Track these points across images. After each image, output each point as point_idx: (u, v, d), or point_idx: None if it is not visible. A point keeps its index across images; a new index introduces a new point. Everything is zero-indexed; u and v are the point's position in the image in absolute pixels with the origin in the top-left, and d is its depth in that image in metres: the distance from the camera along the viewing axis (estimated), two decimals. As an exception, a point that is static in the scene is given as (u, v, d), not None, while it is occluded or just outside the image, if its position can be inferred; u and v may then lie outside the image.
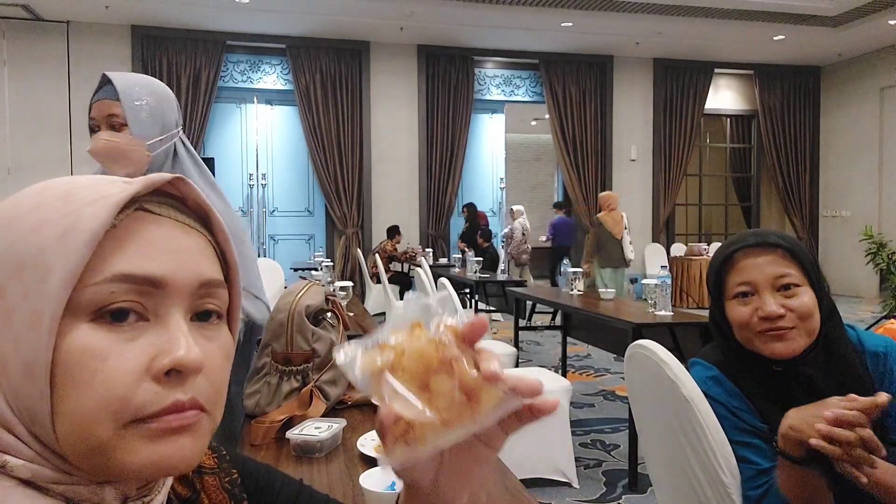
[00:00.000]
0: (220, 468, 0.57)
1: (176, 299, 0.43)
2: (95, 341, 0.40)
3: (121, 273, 0.41)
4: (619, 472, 3.12)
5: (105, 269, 0.40)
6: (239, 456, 0.61)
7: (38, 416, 0.40)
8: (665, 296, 3.19)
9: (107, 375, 0.39)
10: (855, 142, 10.02)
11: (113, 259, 0.41)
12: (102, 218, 0.40)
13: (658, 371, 1.30)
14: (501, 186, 9.89)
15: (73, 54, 7.83)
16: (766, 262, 1.15)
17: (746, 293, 1.16)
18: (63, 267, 0.39)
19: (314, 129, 8.57)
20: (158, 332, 0.42)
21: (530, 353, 6.02)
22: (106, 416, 0.39)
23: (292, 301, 1.43)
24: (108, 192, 0.42)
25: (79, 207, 0.41)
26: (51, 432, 0.40)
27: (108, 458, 0.40)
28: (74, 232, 0.40)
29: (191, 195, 0.46)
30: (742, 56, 9.78)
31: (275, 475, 0.63)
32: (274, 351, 1.41)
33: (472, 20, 8.03)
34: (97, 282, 0.40)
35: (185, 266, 0.43)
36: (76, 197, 0.41)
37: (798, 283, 1.14)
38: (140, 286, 0.41)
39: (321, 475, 1.13)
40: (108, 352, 0.40)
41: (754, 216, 10.96)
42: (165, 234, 0.43)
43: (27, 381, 0.39)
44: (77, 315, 0.40)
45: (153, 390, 0.40)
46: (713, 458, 1.18)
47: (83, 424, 0.39)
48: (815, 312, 1.13)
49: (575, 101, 9.42)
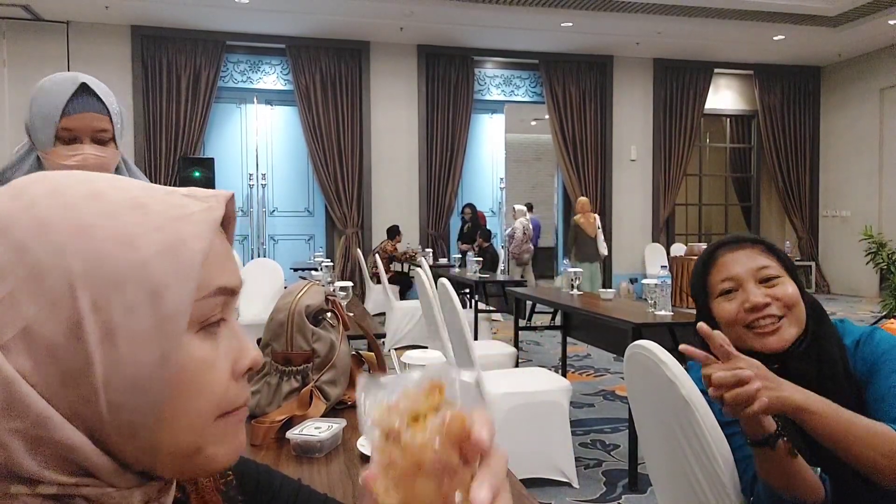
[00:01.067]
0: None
1: (235, 303, 0.47)
2: (205, 352, 0.43)
3: (223, 287, 0.44)
4: (619, 472, 3.12)
5: (209, 284, 0.42)
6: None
7: (141, 429, 0.40)
8: (665, 296, 3.19)
9: (213, 380, 0.43)
10: (855, 142, 10.02)
11: (212, 274, 0.43)
12: (207, 238, 0.42)
13: (657, 371, 1.30)
14: (501, 186, 9.89)
15: (73, 54, 7.83)
16: (745, 255, 1.18)
17: (731, 289, 1.18)
18: (179, 286, 0.40)
19: (314, 130, 8.58)
20: (230, 336, 0.45)
21: (530, 353, 6.02)
22: (210, 418, 0.43)
23: (292, 301, 1.43)
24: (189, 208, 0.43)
25: (169, 223, 0.41)
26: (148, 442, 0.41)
27: (202, 455, 0.43)
28: (184, 250, 0.41)
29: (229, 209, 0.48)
30: (742, 56, 9.78)
31: (273, 475, 0.63)
32: (274, 351, 1.41)
33: (472, 20, 8.03)
34: (204, 296, 0.42)
35: (239, 272, 0.47)
36: (153, 210, 0.41)
37: (778, 274, 1.17)
38: (230, 297, 0.45)
39: (321, 475, 1.13)
40: (214, 359, 0.43)
41: (754, 216, 10.96)
42: (226, 246, 0.47)
43: (137, 395, 0.39)
44: (189, 328, 0.41)
45: (237, 389, 0.45)
46: (713, 458, 1.19)
47: (190, 428, 0.42)
48: (799, 301, 1.15)
49: (575, 101, 9.42)
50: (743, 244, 1.20)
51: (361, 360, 1.60)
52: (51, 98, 1.36)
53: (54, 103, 1.35)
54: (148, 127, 8.09)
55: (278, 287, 3.85)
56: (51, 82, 1.39)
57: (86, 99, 1.37)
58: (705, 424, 1.19)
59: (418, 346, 5.36)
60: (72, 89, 1.36)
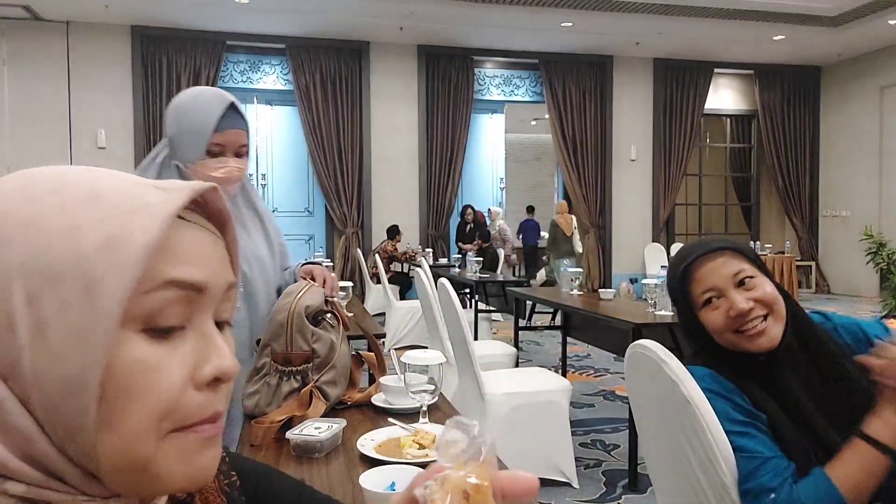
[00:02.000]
0: (219, 470, 0.56)
1: (210, 304, 0.43)
2: (148, 353, 0.39)
3: (172, 280, 0.40)
4: (619, 472, 3.12)
5: (156, 276, 0.39)
6: (239, 457, 0.60)
7: (78, 430, 0.38)
8: (665, 295, 3.18)
9: (158, 386, 0.39)
10: (855, 142, 10.01)
11: (161, 266, 0.39)
12: (155, 231, 0.39)
13: (658, 371, 1.30)
14: (501, 186, 9.89)
15: (73, 54, 7.83)
16: (719, 264, 1.23)
17: (711, 298, 1.23)
18: (116, 281, 0.37)
19: (314, 129, 8.58)
20: (196, 340, 0.42)
21: (530, 353, 6.02)
22: (152, 427, 0.39)
23: (292, 301, 1.43)
24: (147, 198, 0.40)
25: (119, 214, 0.39)
26: (90, 446, 0.38)
27: (147, 472, 0.39)
28: (125, 243, 0.38)
29: (214, 202, 0.46)
30: (742, 56, 9.78)
31: (275, 476, 0.62)
32: (273, 351, 1.41)
33: (472, 20, 8.03)
34: (148, 290, 0.39)
35: (217, 271, 0.44)
36: (109, 201, 0.40)
37: (753, 275, 1.22)
38: (186, 292, 0.41)
39: (321, 475, 1.13)
40: (159, 362, 0.39)
41: (754, 216, 10.97)
42: (200, 240, 0.43)
43: (69, 394, 0.37)
44: (127, 325, 0.38)
45: (197, 400, 0.40)
46: (713, 458, 1.18)
47: (129, 437, 0.38)
48: (778, 297, 1.21)
49: (575, 101, 9.42)
50: (712, 253, 1.23)
51: (361, 361, 1.60)
52: (202, 115, 1.47)
53: (206, 120, 1.46)
54: (148, 127, 8.09)
55: (278, 287, 3.85)
56: (200, 99, 1.50)
57: (234, 117, 1.50)
58: (706, 424, 1.19)
59: (418, 346, 5.36)
60: (222, 108, 1.47)
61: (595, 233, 9.58)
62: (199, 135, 1.46)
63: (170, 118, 1.51)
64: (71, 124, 7.83)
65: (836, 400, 1.16)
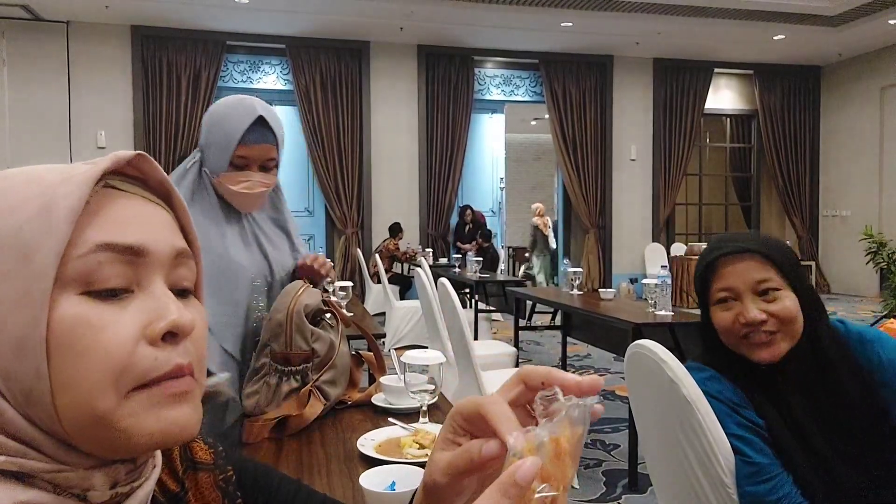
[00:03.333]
0: (215, 465, 0.56)
1: (156, 268, 0.44)
2: (88, 310, 0.40)
3: (103, 243, 0.42)
4: (619, 472, 3.12)
5: (86, 241, 0.41)
6: (236, 454, 0.60)
7: (34, 395, 0.39)
8: (665, 295, 3.19)
9: (105, 343, 0.40)
10: (855, 142, 10.01)
11: (91, 232, 0.42)
12: (78, 193, 0.41)
13: (658, 371, 1.30)
14: (501, 186, 9.89)
15: (73, 54, 7.83)
16: (745, 268, 1.18)
17: (727, 299, 1.19)
18: (47, 243, 0.40)
19: (314, 129, 8.57)
20: (146, 300, 0.43)
21: (530, 353, 6.02)
22: (108, 384, 0.40)
23: (291, 301, 1.43)
24: (74, 171, 0.43)
25: (50, 187, 0.42)
26: (51, 410, 0.40)
27: (114, 428, 0.40)
28: (53, 209, 0.40)
29: (152, 174, 0.48)
30: (742, 56, 9.78)
31: (273, 474, 0.62)
32: (273, 351, 1.41)
33: (472, 20, 8.02)
34: (81, 254, 0.41)
35: (160, 236, 0.45)
36: (44, 179, 0.42)
37: (778, 286, 1.16)
38: (122, 255, 0.42)
39: (321, 475, 1.13)
40: (103, 320, 0.41)
41: (754, 216, 10.96)
42: (136, 207, 0.45)
43: (19, 360, 0.39)
44: (65, 288, 0.40)
45: (152, 355, 0.42)
46: (713, 458, 1.18)
47: (85, 394, 0.40)
48: (798, 316, 1.16)
49: (575, 100, 9.42)
50: (742, 254, 1.18)
51: (361, 360, 1.59)
52: (229, 127, 1.44)
53: (232, 133, 1.44)
54: (148, 127, 8.08)
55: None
56: (231, 109, 1.47)
57: (262, 132, 1.46)
58: (706, 424, 1.19)
59: (418, 346, 5.36)
60: (249, 121, 1.43)
61: (595, 233, 9.57)
62: (224, 146, 1.44)
63: (204, 126, 1.51)
64: (71, 124, 7.83)
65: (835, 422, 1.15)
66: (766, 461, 1.14)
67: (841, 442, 1.13)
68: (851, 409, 1.13)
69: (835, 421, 1.14)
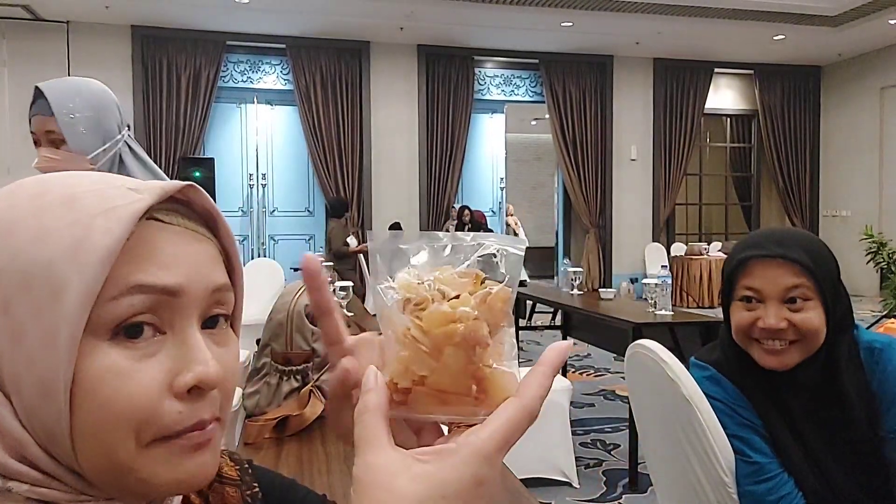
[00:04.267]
0: (241, 480, 0.56)
1: (191, 309, 0.42)
2: (117, 360, 0.38)
3: (138, 284, 0.39)
4: (620, 472, 3.12)
5: (121, 282, 0.38)
6: (262, 469, 0.60)
7: (56, 435, 0.38)
8: (665, 295, 3.19)
9: (130, 394, 0.38)
10: (855, 142, 10.01)
11: (128, 271, 0.39)
12: (117, 233, 0.38)
13: (658, 371, 1.30)
14: (501, 186, 9.88)
15: (73, 54, 7.82)
16: (779, 273, 1.11)
17: (752, 298, 1.14)
18: (79, 284, 0.37)
19: (314, 129, 8.57)
20: (176, 346, 0.41)
21: (530, 352, 6.01)
22: (128, 435, 0.38)
23: (291, 301, 1.43)
24: (116, 201, 0.40)
25: (87, 217, 0.39)
26: (70, 451, 0.38)
27: (131, 476, 0.39)
28: (88, 246, 0.37)
29: (198, 201, 0.45)
30: (742, 56, 9.78)
31: (297, 489, 0.61)
32: (273, 351, 1.41)
33: (472, 20, 8.02)
34: (115, 296, 0.38)
35: (199, 274, 0.42)
36: (81, 204, 0.39)
37: (808, 297, 1.11)
38: (158, 297, 0.39)
39: (321, 475, 1.13)
40: (130, 370, 0.38)
41: (754, 216, 10.96)
42: (177, 243, 0.42)
43: (44, 400, 0.38)
44: (95, 332, 0.38)
45: (176, 409, 0.40)
46: (713, 458, 1.18)
47: (105, 444, 0.38)
48: (820, 331, 1.11)
49: (575, 100, 9.41)
50: (781, 260, 1.11)
51: (361, 360, 1.59)
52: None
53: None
54: (148, 127, 8.08)
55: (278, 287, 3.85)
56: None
57: (39, 104, 1.38)
58: (706, 424, 1.19)
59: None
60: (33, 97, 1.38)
61: (595, 233, 9.57)
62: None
63: None
64: (71, 124, 7.82)
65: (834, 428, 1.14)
66: (765, 461, 1.14)
67: (838, 447, 1.13)
68: (851, 419, 1.12)
69: (834, 427, 1.14)
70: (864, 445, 1.12)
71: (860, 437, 1.12)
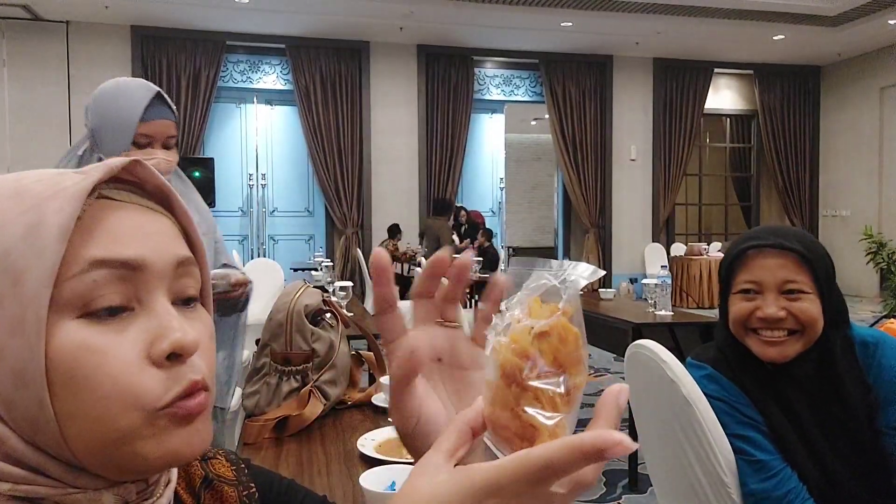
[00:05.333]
0: (238, 480, 0.56)
1: (157, 282, 0.42)
2: (88, 337, 0.38)
3: (97, 259, 0.39)
4: (619, 472, 3.11)
5: (80, 259, 0.39)
6: (259, 469, 0.60)
7: (40, 423, 0.38)
8: (665, 296, 3.19)
9: (110, 369, 0.38)
10: (855, 142, 10.01)
11: (85, 249, 0.39)
12: (69, 210, 0.38)
13: (658, 371, 1.30)
14: (501, 186, 9.89)
15: (73, 54, 7.82)
16: (777, 265, 1.14)
17: (750, 290, 1.16)
18: (38, 266, 0.37)
19: (314, 129, 8.57)
20: (147, 318, 0.41)
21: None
22: (117, 410, 0.38)
23: (291, 301, 1.43)
24: (65, 183, 0.40)
25: (38, 203, 0.39)
26: (58, 437, 0.38)
27: (125, 451, 0.39)
28: (42, 228, 0.38)
29: (149, 179, 0.45)
30: (742, 56, 9.78)
31: (296, 490, 0.61)
32: (273, 351, 1.41)
33: (472, 20, 8.02)
34: (75, 273, 0.38)
35: (159, 247, 0.43)
36: (30, 193, 0.40)
37: (806, 290, 1.13)
38: (119, 271, 0.40)
39: (321, 475, 1.13)
40: (106, 346, 0.39)
41: (754, 216, 10.96)
42: (132, 219, 0.42)
43: (21, 391, 0.38)
44: (62, 313, 0.38)
45: (157, 377, 0.40)
46: (713, 458, 1.18)
47: (95, 422, 0.38)
48: (817, 322, 1.13)
49: (575, 101, 9.42)
50: (780, 251, 1.13)
51: (361, 360, 1.59)
52: (127, 105, 1.40)
53: (132, 111, 1.39)
54: (148, 127, 8.08)
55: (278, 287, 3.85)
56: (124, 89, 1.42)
57: (161, 107, 1.43)
58: (706, 424, 1.19)
59: (418, 346, 5.34)
60: (148, 97, 1.41)
61: (595, 233, 9.57)
62: (124, 125, 1.39)
63: (92, 110, 1.43)
64: (71, 125, 7.82)
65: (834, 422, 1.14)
66: (768, 457, 1.14)
67: (838, 440, 1.13)
68: (850, 414, 1.13)
69: (833, 422, 1.14)
70: (864, 439, 1.12)
71: (859, 431, 1.12)
